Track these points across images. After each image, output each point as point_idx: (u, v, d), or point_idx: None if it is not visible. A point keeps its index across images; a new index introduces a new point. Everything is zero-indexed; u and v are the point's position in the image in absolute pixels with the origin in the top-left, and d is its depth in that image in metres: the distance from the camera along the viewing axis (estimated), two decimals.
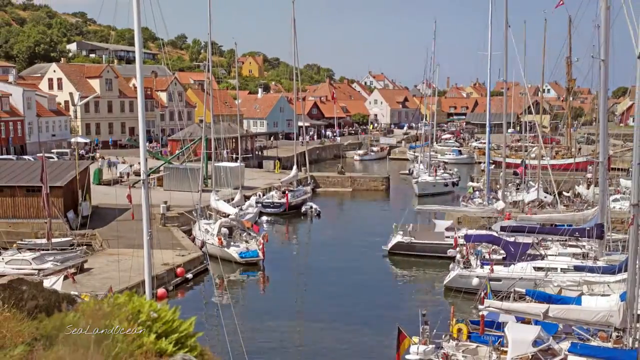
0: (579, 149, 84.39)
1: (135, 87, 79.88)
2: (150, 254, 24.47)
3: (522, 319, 24.21)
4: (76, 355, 4.92)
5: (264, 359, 25.69)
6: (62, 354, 4.92)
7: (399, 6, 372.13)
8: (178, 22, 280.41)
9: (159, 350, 5.95)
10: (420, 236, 44.14)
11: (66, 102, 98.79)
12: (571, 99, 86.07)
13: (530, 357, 21.12)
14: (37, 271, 31.88)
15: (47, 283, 18.62)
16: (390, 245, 43.58)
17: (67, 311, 6.42)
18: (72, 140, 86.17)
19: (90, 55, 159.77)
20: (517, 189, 58.67)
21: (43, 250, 36.25)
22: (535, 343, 21.20)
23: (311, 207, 59.75)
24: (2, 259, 35.06)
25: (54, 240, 37.90)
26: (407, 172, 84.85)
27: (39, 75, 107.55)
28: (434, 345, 22.55)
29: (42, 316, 6.25)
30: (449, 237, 41.68)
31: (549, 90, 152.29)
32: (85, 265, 35.05)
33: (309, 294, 38.33)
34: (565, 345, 22.51)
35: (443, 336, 23.13)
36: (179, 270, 35.65)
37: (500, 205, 47.34)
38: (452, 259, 37.12)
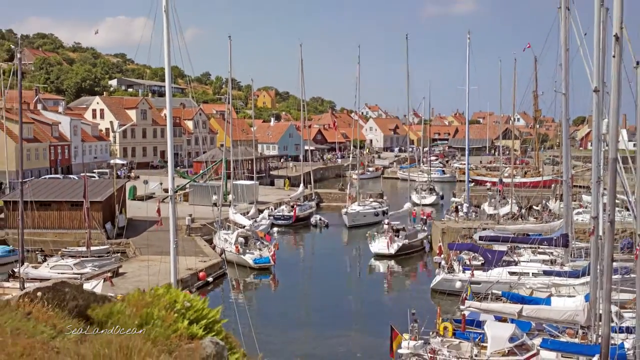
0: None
1: (166, 117, 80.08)
2: (176, 260, 24.32)
3: (499, 318, 24.23)
4: (122, 338, 5.03)
5: (274, 350, 25.20)
6: (110, 337, 4.98)
7: (388, 51, 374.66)
8: (203, 62, 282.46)
9: (191, 334, 6.01)
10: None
11: (107, 129, 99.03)
12: (538, 126, 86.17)
13: (506, 351, 21.04)
14: (78, 275, 31.49)
15: (87, 286, 18.26)
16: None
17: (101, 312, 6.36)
18: (111, 161, 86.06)
19: (128, 89, 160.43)
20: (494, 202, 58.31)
21: (83, 257, 35.97)
22: (511, 339, 21.32)
23: (320, 219, 59.42)
24: (48, 264, 34.86)
25: (92, 248, 37.86)
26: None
27: (85, 106, 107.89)
28: (422, 341, 22.32)
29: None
30: None
31: (518, 119, 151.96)
32: (120, 270, 34.89)
33: (314, 295, 38.04)
34: (537, 341, 22.59)
35: (430, 333, 22.95)
36: (201, 274, 35.31)
37: None
38: (439, 264, 36.85)
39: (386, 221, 48.03)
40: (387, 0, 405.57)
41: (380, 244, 44.86)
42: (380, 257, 44.53)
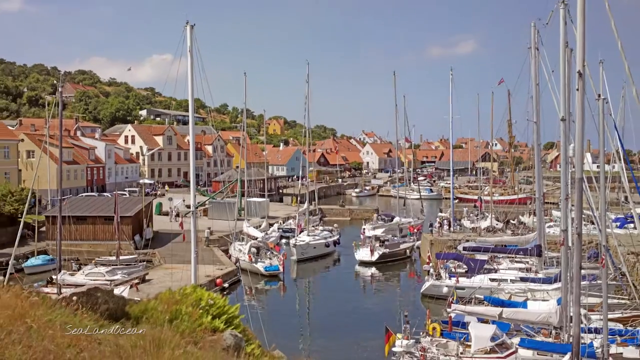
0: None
1: (189, 142, 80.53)
2: (196, 268, 24.28)
3: (482, 320, 24.09)
4: (154, 331, 5.15)
5: (282, 346, 25.09)
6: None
7: (383, 83, 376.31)
8: (221, 94, 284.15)
9: (213, 328, 6.18)
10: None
11: (137, 153, 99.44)
12: (513, 150, 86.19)
13: (488, 349, 20.89)
14: (109, 281, 31.49)
15: (117, 291, 18.27)
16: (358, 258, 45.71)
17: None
18: (140, 181, 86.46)
19: (156, 118, 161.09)
20: (477, 217, 58.20)
21: (114, 265, 35.95)
22: (492, 338, 21.17)
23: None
24: (83, 272, 34.81)
25: (122, 257, 37.75)
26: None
27: (118, 133, 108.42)
28: (414, 341, 22.22)
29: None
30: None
31: (496, 144, 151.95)
32: (147, 277, 34.72)
33: (318, 298, 37.89)
34: (516, 340, 22.41)
35: (421, 333, 22.81)
36: (218, 280, 35.21)
37: None
38: (428, 272, 36.74)
39: (368, 229, 48.77)
40: (385, 45, 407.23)
41: (363, 252, 45.83)
42: (363, 263, 45.18)
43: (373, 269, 44.39)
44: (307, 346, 27.22)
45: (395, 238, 49.05)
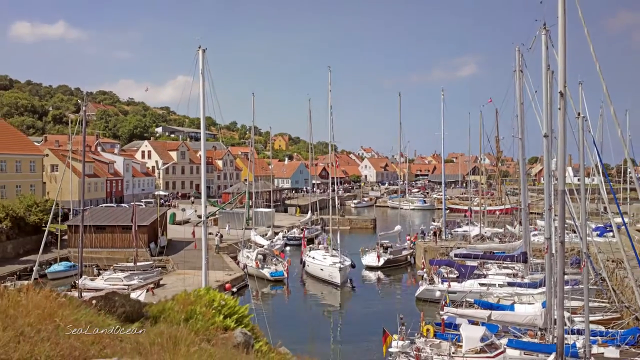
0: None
1: (200, 157, 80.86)
2: (207, 273, 24.23)
3: (472, 322, 23.91)
4: (171, 329, 5.18)
5: (286, 346, 24.98)
6: (162, 328, 5.17)
7: (382, 102, 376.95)
8: (230, 113, 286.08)
9: (225, 326, 6.20)
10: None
11: (153, 167, 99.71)
12: (500, 164, 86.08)
13: (478, 349, 20.74)
14: (126, 286, 31.45)
15: (133, 295, 18.25)
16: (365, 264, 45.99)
17: (146, 315, 6.46)
18: (156, 193, 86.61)
19: (171, 135, 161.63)
20: (466, 226, 58.10)
21: (131, 271, 35.91)
22: (482, 339, 21.02)
23: (322, 240, 59.01)
24: (102, 277, 34.77)
25: (139, 263, 37.64)
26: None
27: (135, 148, 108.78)
28: (409, 341, 22.05)
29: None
30: None
31: (484, 158, 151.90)
32: (161, 282, 34.64)
33: (320, 301, 37.67)
34: (504, 341, 22.21)
35: (416, 334, 22.68)
36: (227, 285, 35.08)
37: None
38: (422, 277, 36.64)
39: (378, 238, 48.62)
40: (384, 66, 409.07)
41: (370, 258, 46.27)
42: (370, 268, 45.65)
43: (379, 273, 45.03)
44: (310, 346, 27.08)
45: (398, 245, 49.34)
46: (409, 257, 48.18)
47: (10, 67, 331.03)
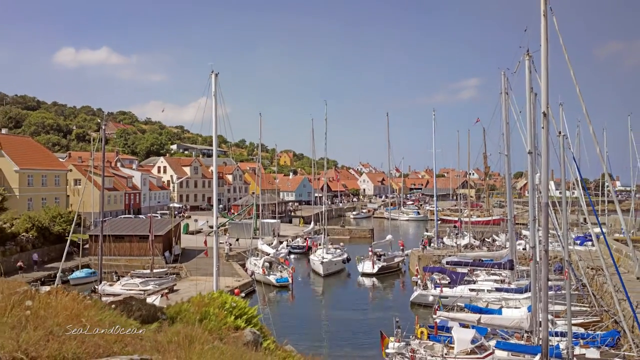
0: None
1: (212, 172, 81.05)
2: (218, 279, 24.17)
3: (463, 325, 23.72)
4: (187, 329, 5.25)
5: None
6: (179, 328, 5.25)
7: (378, 121, 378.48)
8: (239, 131, 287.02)
9: (236, 326, 6.22)
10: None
11: (168, 181, 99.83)
12: (487, 179, 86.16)
13: (469, 351, 20.62)
14: (142, 291, 31.37)
15: (149, 299, 18.24)
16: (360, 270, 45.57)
17: (164, 317, 6.51)
18: (171, 205, 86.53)
19: (185, 152, 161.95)
20: (456, 236, 57.99)
21: (147, 277, 35.84)
22: (472, 341, 20.93)
23: None
24: (120, 283, 34.68)
25: (154, 270, 37.59)
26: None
27: (152, 164, 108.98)
28: (404, 343, 21.95)
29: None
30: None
31: (473, 173, 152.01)
32: (175, 287, 34.51)
33: (321, 305, 37.52)
34: (492, 342, 22.12)
35: (411, 336, 22.57)
36: (236, 290, 34.85)
37: None
38: (416, 283, 36.50)
39: (371, 247, 48.40)
40: (382, 89, 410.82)
41: (365, 265, 45.80)
42: (365, 275, 45.29)
43: (374, 279, 44.71)
44: (313, 347, 26.92)
45: (390, 253, 49.09)
46: (400, 263, 48.03)
47: (50, 92, 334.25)
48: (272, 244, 53.48)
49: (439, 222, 62.77)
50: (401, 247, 52.18)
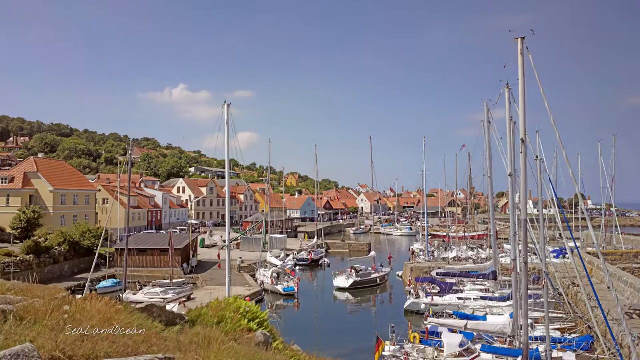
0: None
1: (225, 192, 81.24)
2: (230, 289, 24.10)
3: (452, 330, 23.53)
4: (206, 330, 5.29)
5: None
6: (198, 330, 5.31)
7: (375, 148, 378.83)
8: (251, 156, 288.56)
9: (249, 328, 6.24)
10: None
11: (186, 200, 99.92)
12: (472, 198, 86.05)
13: (457, 354, 20.42)
14: (163, 299, 31.20)
15: (168, 307, 18.18)
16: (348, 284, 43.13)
17: (182, 322, 6.54)
18: (189, 222, 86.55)
19: (202, 174, 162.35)
20: (445, 249, 57.60)
21: (167, 286, 35.70)
22: (460, 345, 20.75)
23: (324, 261, 58.65)
24: (143, 291, 34.52)
25: (174, 280, 37.45)
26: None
27: (172, 185, 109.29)
28: (399, 347, 21.73)
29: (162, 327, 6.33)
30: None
31: (459, 193, 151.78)
32: (192, 296, 34.38)
33: (325, 312, 37.14)
34: (478, 346, 21.90)
35: (404, 341, 22.40)
36: (247, 299, 34.53)
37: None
38: (409, 292, 36.18)
39: (350, 265, 46.21)
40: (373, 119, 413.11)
41: (339, 280, 43.48)
42: (339, 289, 42.76)
43: (347, 294, 42.16)
44: (316, 348, 26.60)
45: (369, 269, 45.74)
46: (379, 280, 44.72)
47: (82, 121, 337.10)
48: (279, 256, 53.26)
49: (430, 237, 62.48)
50: (389, 261, 51.18)
